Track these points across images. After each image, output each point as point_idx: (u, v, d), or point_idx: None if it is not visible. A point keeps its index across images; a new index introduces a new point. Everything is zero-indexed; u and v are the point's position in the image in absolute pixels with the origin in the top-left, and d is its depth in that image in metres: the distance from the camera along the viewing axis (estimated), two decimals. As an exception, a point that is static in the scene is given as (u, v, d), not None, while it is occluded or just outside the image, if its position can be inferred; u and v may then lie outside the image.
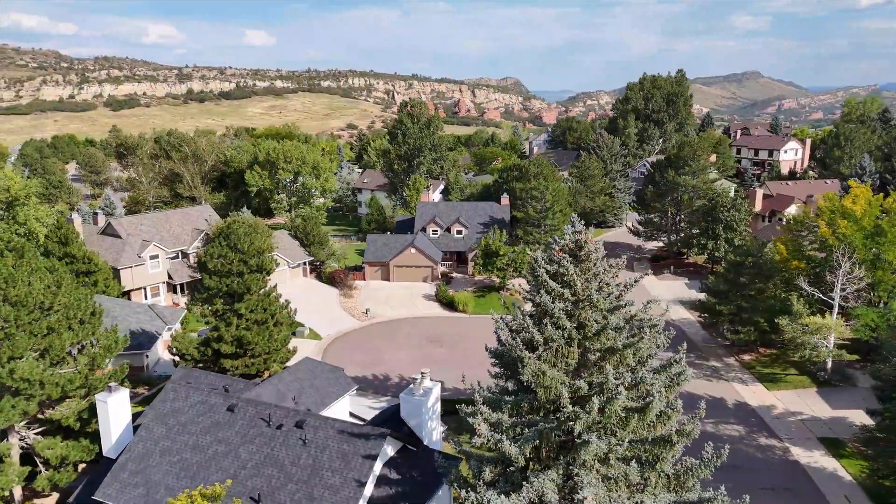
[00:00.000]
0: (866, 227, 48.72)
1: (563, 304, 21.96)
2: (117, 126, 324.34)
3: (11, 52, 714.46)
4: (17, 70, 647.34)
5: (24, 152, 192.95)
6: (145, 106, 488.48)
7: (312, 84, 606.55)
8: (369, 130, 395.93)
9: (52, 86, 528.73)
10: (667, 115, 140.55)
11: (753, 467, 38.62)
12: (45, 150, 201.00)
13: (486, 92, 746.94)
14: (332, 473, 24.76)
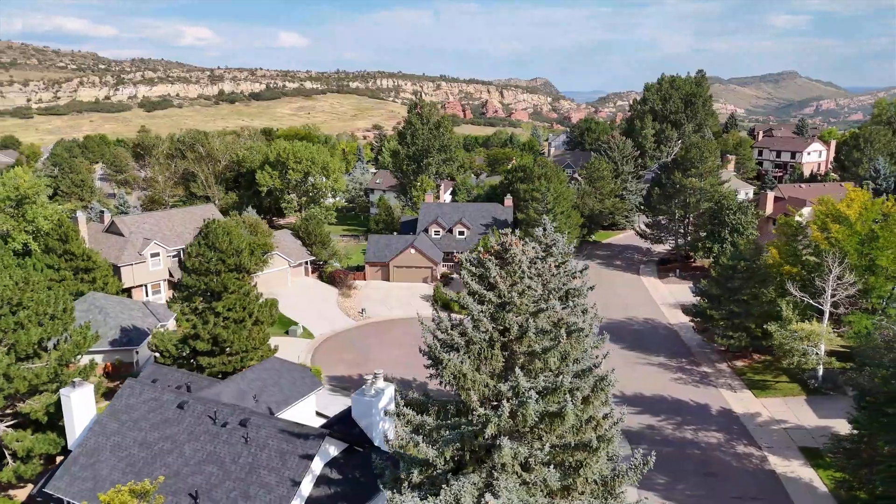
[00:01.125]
0: (861, 232, 47.35)
1: (485, 306, 21.80)
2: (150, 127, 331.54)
3: (52, 55, 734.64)
4: (56, 72, 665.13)
5: (55, 152, 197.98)
6: (178, 107, 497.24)
7: (341, 85, 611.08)
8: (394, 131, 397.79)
9: (88, 87, 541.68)
10: (684, 116, 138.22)
11: (727, 475, 37.87)
12: (74, 150, 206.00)
13: (514, 93, 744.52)
14: (269, 472, 24.96)
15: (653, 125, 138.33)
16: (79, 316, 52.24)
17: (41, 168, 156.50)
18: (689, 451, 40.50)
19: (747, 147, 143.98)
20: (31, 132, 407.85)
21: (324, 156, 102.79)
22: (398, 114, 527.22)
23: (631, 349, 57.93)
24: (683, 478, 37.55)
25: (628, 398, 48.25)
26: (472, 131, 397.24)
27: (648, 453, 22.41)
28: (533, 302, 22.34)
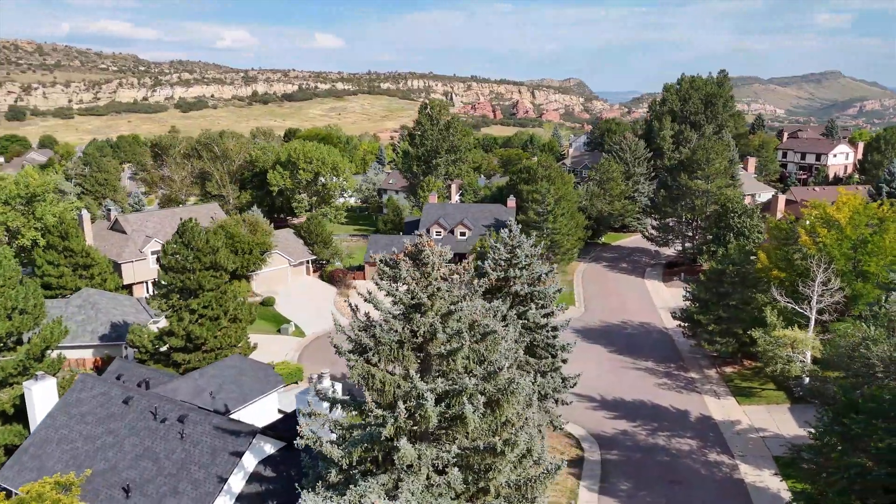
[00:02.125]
0: (851, 237, 45.96)
1: (395, 306, 21.79)
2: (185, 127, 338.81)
3: (94, 57, 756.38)
4: (98, 73, 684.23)
5: (87, 151, 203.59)
6: (212, 108, 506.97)
7: (372, 86, 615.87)
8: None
9: (127, 88, 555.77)
10: (704, 117, 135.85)
11: (693, 483, 37.11)
12: (105, 150, 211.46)
13: (545, 93, 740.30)
14: (199, 468, 25.32)
15: (671, 126, 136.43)
16: (72, 311, 54.07)
17: (72, 167, 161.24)
18: (659, 458, 39.79)
19: (770, 149, 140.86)
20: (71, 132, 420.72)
21: (334, 156, 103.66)
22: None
23: (620, 353, 57.17)
24: (647, 485, 36.92)
25: (607, 402, 47.66)
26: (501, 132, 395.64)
27: (559, 463, 22.14)
28: (451, 303, 22.26)
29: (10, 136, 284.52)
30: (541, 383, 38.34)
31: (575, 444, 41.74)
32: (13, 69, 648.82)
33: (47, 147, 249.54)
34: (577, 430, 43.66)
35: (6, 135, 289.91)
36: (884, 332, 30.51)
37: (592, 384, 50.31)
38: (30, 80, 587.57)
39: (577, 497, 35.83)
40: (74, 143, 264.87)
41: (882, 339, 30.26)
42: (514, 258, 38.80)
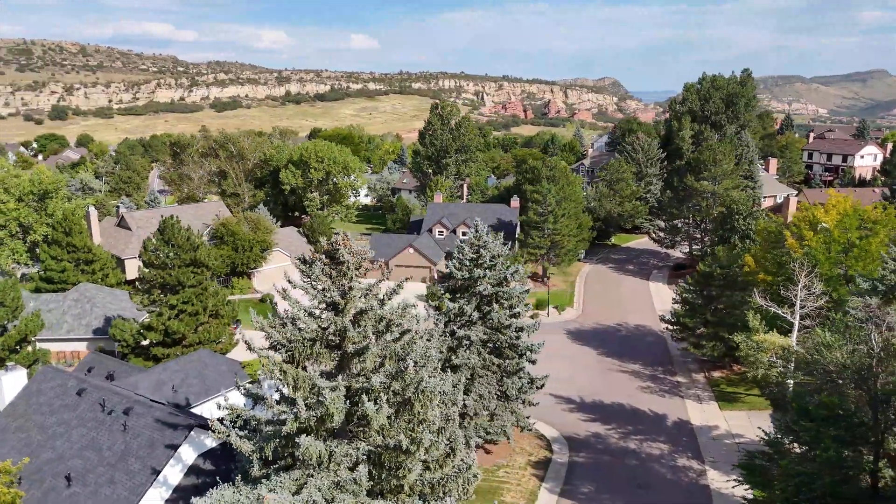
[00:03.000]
0: (839, 241, 44.75)
1: (310, 304, 22.07)
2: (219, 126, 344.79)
3: (135, 58, 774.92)
4: (139, 74, 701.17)
5: (119, 150, 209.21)
6: (246, 107, 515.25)
7: (403, 86, 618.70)
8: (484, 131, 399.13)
9: (165, 89, 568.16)
10: (725, 117, 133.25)
11: (658, 488, 36.63)
12: (136, 149, 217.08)
13: (578, 93, 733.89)
14: (136, 460, 25.97)
15: (691, 127, 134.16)
16: (68, 305, 55.73)
17: (103, 165, 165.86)
18: (628, 462, 39.35)
19: (795, 150, 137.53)
20: (110, 131, 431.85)
21: (345, 156, 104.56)
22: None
23: (609, 355, 56.62)
24: (611, 488, 36.57)
25: (586, 404, 47.28)
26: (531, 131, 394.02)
27: (470, 463, 22.16)
28: (366, 302, 22.45)
29: (49, 134, 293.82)
30: (505, 384, 38.34)
31: (545, 446, 41.53)
32: (58, 70, 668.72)
33: (83, 145, 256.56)
34: (550, 431, 43.43)
35: (46, 133, 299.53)
36: (839, 339, 29.65)
37: (574, 386, 50.03)
38: (73, 80, 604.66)
39: (536, 498, 35.70)
40: (110, 142, 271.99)
41: (837, 345, 29.40)
42: (480, 258, 38.82)
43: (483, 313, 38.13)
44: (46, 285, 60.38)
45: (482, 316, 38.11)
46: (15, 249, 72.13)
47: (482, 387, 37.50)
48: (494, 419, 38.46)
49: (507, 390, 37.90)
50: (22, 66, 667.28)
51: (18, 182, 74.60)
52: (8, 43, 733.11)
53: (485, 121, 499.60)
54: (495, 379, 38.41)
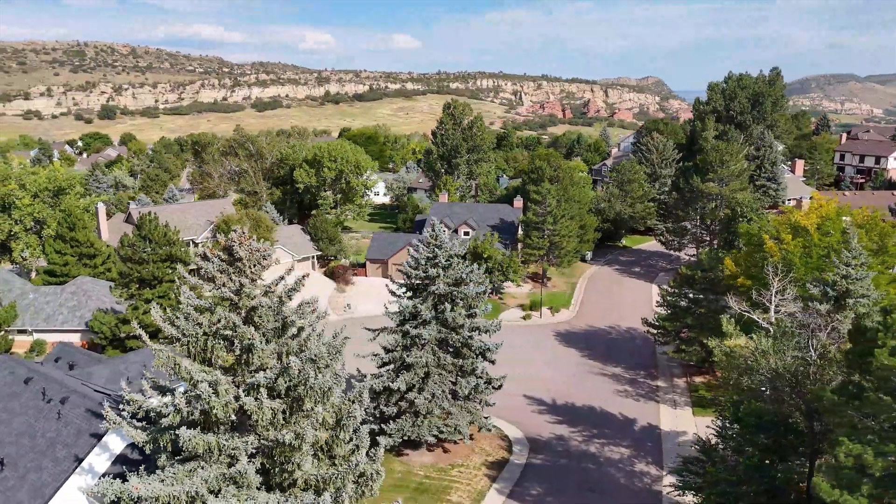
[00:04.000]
0: (819, 245, 43.35)
1: (202, 301, 22.53)
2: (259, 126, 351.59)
3: (182, 59, 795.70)
4: (186, 75, 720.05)
5: (155, 149, 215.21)
6: (286, 107, 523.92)
7: (441, 86, 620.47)
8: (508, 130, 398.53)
9: (209, 89, 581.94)
10: (751, 117, 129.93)
11: (609, 492, 36.15)
12: (172, 147, 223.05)
13: (619, 92, 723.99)
14: (63, 447, 26.89)
15: (715, 127, 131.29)
16: (65, 298, 57.81)
17: (138, 163, 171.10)
18: (584, 465, 38.91)
19: (825, 151, 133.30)
20: (155, 130, 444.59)
21: (358, 155, 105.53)
22: (493, 114, 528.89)
23: (593, 357, 55.98)
24: (560, 491, 36.23)
25: (557, 406, 46.87)
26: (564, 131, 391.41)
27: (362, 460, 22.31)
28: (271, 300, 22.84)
29: (94, 133, 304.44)
30: (459, 383, 38.34)
31: (506, 447, 41.35)
32: (109, 71, 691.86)
33: (125, 144, 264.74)
34: (514, 432, 43.22)
35: (91, 132, 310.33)
36: (775, 344, 28.79)
37: (550, 387, 49.68)
38: (123, 81, 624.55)
39: (483, 498, 35.60)
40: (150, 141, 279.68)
41: (771, 351, 28.58)
42: (435, 258, 38.89)
43: (438, 312, 38.19)
44: (49, 278, 62.70)
45: (436, 315, 38.17)
46: (29, 243, 75.07)
47: (435, 386, 37.57)
48: (449, 418, 38.48)
49: (459, 390, 37.85)
50: (76, 67, 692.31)
51: (35, 179, 77.60)
52: (63, 45, 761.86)
53: (521, 120, 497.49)
54: (450, 378, 38.42)
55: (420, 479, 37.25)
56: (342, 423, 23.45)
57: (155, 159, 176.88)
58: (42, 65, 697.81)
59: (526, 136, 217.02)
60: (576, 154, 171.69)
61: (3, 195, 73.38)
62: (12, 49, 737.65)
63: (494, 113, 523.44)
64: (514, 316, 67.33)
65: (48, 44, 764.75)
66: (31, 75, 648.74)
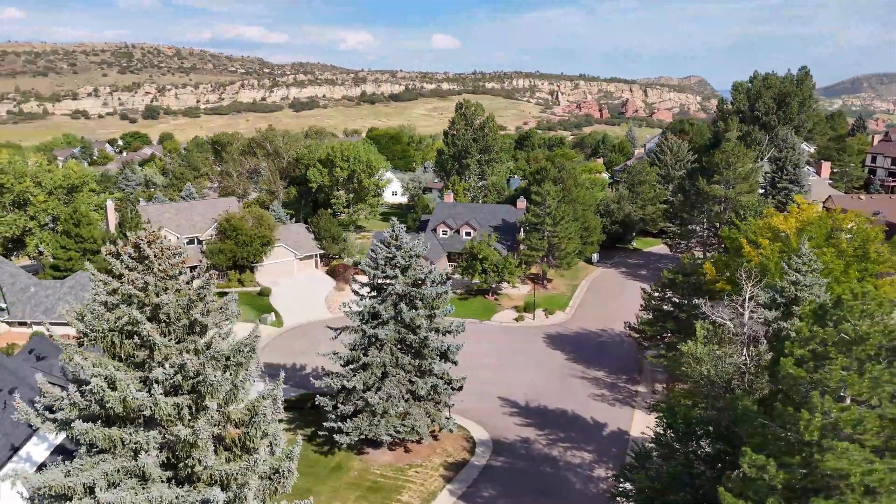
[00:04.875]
0: (797, 250, 41.99)
1: (112, 297, 23.07)
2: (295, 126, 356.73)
3: (225, 60, 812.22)
4: (228, 75, 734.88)
5: (188, 147, 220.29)
6: (323, 107, 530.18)
7: (477, 86, 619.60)
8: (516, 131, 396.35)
9: (248, 89, 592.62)
10: (776, 117, 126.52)
11: (561, 496, 35.78)
12: (204, 146, 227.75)
13: (659, 91, 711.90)
14: (2, 436, 27.90)
15: (739, 128, 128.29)
16: (64, 292, 59.70)
17: (170, 162, 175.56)
18: (542, 469, 38.56)
19: (856, 153, 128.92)
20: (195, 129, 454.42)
21: (370, 155, 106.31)
22: (528, 114, 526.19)
23: (577, 361, 55.36)
24: (513, 494, 35.98)
25: (529, 409, 46.52)
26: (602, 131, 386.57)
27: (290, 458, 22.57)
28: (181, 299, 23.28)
29: (134, 132, 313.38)
30: (416, 384, 38.37)
31: (469, 448, 41.23)
32: (154, 72, 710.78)
33: (162, 143, 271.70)
34: (480, 433, 43.06)
35: (131, 131, 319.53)
36: (709, 350, 28.05)
37: (527, 389, 49.36)
38: (167, 81, 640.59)
39: (434, 498, 35.60)
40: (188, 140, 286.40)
41: (706, 357, 27.87)
42: (394, 258, 38.99)
43: (397, 313, 38.30)
44: (54, 273, 64.89)
45: (395, 316, 38.28)
46: (43, 239, 77.73)
47: (392, 386, 37.68)
48: (407, 418, 38.55)
49: (416, 390, 37.89)
50: (123, 68, 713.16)
51: (52, 176, 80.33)
52: (111, 47, 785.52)
53: (556, 120, 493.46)
54: (408, 379, 38.48)
55: (375, 478, 37.43)
56: (254, 420, 23.75)
57: (186, 158, 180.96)
58: (91, 66, 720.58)
59: (549, 136, 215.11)
60: (600, 154, 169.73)
61: (18, 192, 76.17)
62: (64, 51, 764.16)
63: (529, 113, 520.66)
64: (508, 317, 67.00)
65: (97, 45, 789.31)
66: (80, 76, 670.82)
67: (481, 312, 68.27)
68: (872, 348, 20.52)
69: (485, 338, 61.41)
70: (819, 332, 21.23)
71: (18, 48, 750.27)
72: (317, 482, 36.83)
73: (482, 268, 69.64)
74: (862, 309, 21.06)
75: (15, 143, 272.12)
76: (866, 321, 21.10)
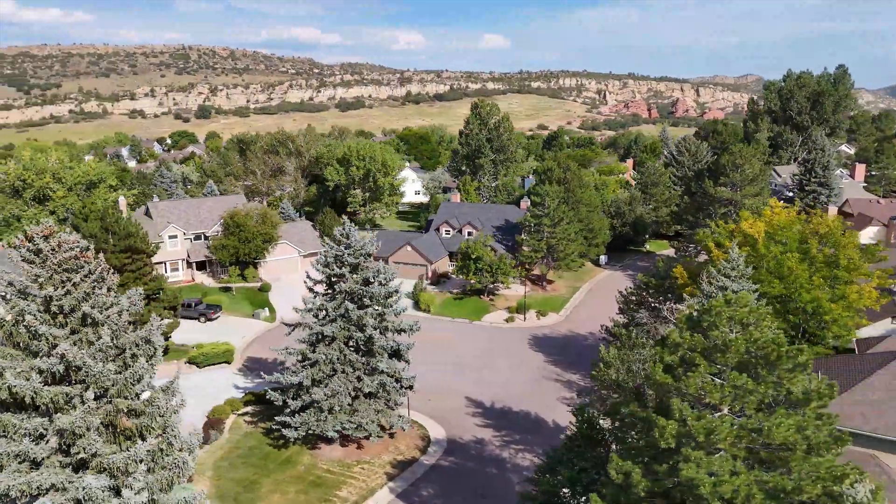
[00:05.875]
0: (767, 256, 40.70)
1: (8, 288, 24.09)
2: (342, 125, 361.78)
3: (276, 61, 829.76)
4: (279, 76, 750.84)
5: (227, 146, 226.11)
6: (368, 107, 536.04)
7: (522, 85, 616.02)
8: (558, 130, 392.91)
9: (296, 90, 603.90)
10: (809, 118, 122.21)
11: (502, 498, 35.55)
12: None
13: (712, 91, 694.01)
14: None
15: (770, 128, 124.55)
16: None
17: (208, 160, 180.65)
18: (488, 470, 38.40)
19: (892, 156, 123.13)
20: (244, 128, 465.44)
21: (386, 154, 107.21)
22: (574, 113, 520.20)
23: (556, 363, 54.82)
24: (452, 495, 35.96)
25: (493, 410, 46.33)
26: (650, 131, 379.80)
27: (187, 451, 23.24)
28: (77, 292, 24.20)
29: (182, 131, 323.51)
30: (363, 381, 38.71)
31: (422, 447, 41.36)
32: (209, 73, 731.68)
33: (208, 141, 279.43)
34: (439, 433, 43.13)
35: (180, 130, 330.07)
36: (620, 355, 27.43)
37: (496, 390, 49.22)
38: (220, 82, 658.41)
39: (371, 496, 35.89)
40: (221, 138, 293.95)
41: (615, 361, 27.28)
42: (343, 257, 39.40)
43: (344, 311, 38.71)
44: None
45: (343, 314, 38.70)
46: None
47: (338, 383, 38.12)
48: (355, 415, 38.93)
49: (362, 388, 38.24)
50: (180, 69, 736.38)
51: (72, 173, 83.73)
52: (170, 49, 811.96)
53: (601, 119, 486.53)
54: (356, 376, 38.86)
55: (321, 473, 37.94)
56: (148, 412, 24.50)
57: (223, 157, 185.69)
58: (150, 67, 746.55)
59: (578, 136, 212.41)
60: (632, 154, 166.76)
61: (39, 187, 79.71)
62: (125, 52, 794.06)
63: (575, 112, 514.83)
64: (498, 318, 66.73)
65: (157, 47, 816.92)
66: (140, 77, 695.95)
67: (473, 312, 68.18)
68: (737, 356, 19.88)
69: (471, 338, 61.44)
70: (686, 339, 20.70)
71: (83, 50, 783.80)
72: (262, 474, 37.60)
73: (475, 268, 69.51)
74: (730, 316, 20.41)
75: (71, 142, 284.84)
76: (737, 328, 20.46)
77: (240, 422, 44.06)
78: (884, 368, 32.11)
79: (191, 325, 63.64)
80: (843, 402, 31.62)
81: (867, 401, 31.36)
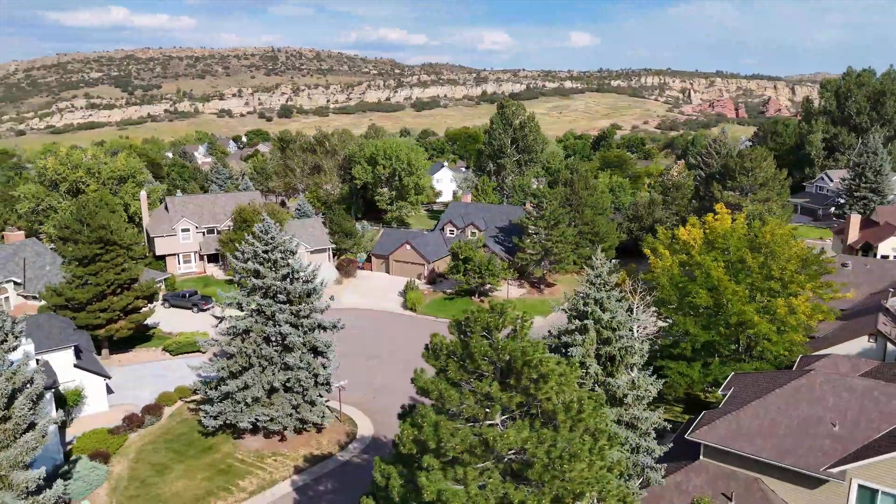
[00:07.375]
0: (702, 264, 38.53)
1: None
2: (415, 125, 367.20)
3: (359, 61, 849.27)
4: (361, 76, 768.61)
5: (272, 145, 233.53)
6: (443, 107, 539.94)
7: (601, 84, 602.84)
8: (633, 130, 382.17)
9: (374, 90, 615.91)
10: (868, 118, 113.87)
11: (392, 501, 35.39)
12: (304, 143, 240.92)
13: (810, 89, 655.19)
14: None
15: (825, 130, 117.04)
16: (70, 273, 66.42)
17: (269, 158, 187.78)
18: (395, 471, 38.20)
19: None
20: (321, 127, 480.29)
21: (413, 154, 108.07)
22: (653, 112, 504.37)
23: (518, 368, 53.65)
24: (348, 492, 36.07)
25: (430, 412, 45.95)
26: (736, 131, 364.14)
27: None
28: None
29: (256, 130, 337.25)
30: (276, 377, 39.48)
31: (344, 443, 41.74)
32: (296, 73, 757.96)
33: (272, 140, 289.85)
34: (369, 430, 43.42)
35: (255, 129, 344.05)
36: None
37: (443, 393, 48.72)
38: (305, 83, 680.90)
39: (271, 487, 36.60)
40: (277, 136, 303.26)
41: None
42: (262, 253, 40.24)
43: (258, 306, 39.58)
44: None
45: (259, 309, 39.59)
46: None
47: (251, 376, 39.04)
48: (271, 408, 39.76)
49: (274, 382, 39.00)
50: (268, 70, 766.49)
51: (106, 168, 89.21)
52: (260, 51, 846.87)
53: (682, 119, 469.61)
54: (272, 371, 39.65)
55: (233, 462, 38.98)
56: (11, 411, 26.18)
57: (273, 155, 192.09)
58: (241, 69, 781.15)
59: (629, 137, 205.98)
60: (689, 156, 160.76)
61: (73, 181, 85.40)
62: (220, 55, 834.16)
63: (654, 112, 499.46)
64: (482, 319, 65.99)
65: (248, 49, 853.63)
66: (232, 78, 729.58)
67: (460, 313, 67.60)
68: (481, 364, 19.24)
69: (445, 338, 61.04)
70: (446, 345, 20.23)
71: (181, 53, 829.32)
72: (179, 460, 39.04)
73: (464, 268, 69.14)
74: (486, 322, 19.75)
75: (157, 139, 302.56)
76: (495, 334, 19.82)
77: (183, 409, 45.83)
78: (781, 388, 29.88)
79: (184, 314, 66.73)
80: (738, 419, 29.74)
81: (757, 421, 29.31)
